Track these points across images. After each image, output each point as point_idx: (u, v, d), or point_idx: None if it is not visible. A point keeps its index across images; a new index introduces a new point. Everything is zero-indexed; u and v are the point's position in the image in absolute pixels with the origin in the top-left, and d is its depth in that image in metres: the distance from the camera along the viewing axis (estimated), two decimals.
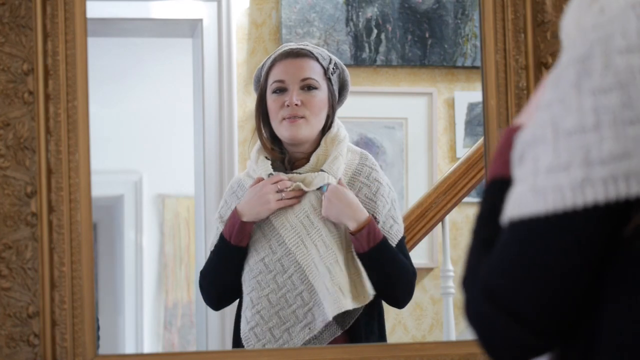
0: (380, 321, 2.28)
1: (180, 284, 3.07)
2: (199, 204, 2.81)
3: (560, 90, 1.01)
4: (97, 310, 1.95)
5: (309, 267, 2.17)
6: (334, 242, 2.21)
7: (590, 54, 1.00)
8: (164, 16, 2.95)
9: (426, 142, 3.05)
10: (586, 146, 0.97)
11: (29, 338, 1.87)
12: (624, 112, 0.97)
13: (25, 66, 1.89)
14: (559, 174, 0.98)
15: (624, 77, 0.98)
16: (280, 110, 2.26)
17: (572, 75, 1.00)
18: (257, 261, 2.21)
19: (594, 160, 0.97)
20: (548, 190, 0.98)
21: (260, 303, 2.19)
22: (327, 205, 2.21)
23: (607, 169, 0.96)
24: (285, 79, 2.27)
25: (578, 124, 0.98)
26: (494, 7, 2.04)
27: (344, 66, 2.35)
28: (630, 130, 0.96)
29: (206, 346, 2.74)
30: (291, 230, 2.20)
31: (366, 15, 3.04)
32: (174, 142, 3.00)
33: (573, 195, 0.97)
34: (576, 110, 0.99)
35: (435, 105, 3.05)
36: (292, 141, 2.27)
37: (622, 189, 0.96)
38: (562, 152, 0.98)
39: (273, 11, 3.04)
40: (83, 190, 1.90)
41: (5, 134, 1.88)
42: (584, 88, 0.99)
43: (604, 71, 0.98)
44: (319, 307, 2.16)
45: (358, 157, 2.31)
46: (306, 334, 2.17)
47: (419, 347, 2.08)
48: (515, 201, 1.02)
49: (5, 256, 1.87)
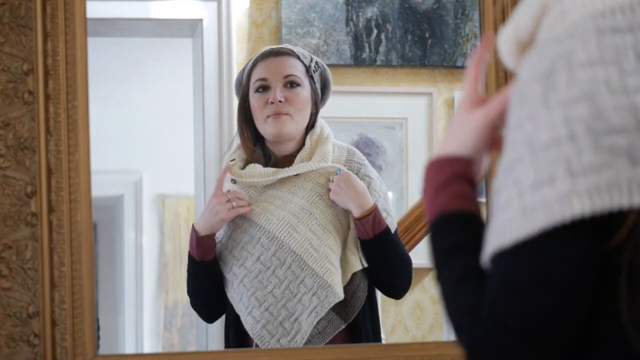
0: (373, 319, 2.28)
1: (180, 284, 3.06)
2: (199, 204, 2.81)
3: (528, 107, 1.00)
4: (97, 310, 1.95)
5: (306, 252, 2.19)
6: (329, 223, 2.23)
7: (553, 70, 0.99)
8: (164, 16, 2.95)
9: (426, 142, 3.05)
10: (566, 157, 0.96)
11: (29, 338, 1.87)
12: (596, 123, 0.96)
13: (25, 66, 1.89)
14: (544, 189, 0.97)
15: (589, 90, 0.97)
16: (264, 109, 2.27)
17: (538, 92, 0.99)
18: (254, 262, 2.21)
19: (576, 171, 0.96)
20: (537, 207, 0.97)
21: (267, 300, 2.20)
22: (335, 190, 2.24)
23: (590, 180, 0.95)
24: (268, 77, 2.28)
25: (552, 137, 0.97)
26: (494, 7, 2.04)
27: (326, 65, 2.35)
28: (605, 141, 0.96)
29: (206, 346, 2.74)
30: (279, 223, 2.21)
31: (366, 15, 3.04)
32: (174, 142, 3.00)
33: (561, 208, 0.96)
34: (547, 124, 0.97)
35: (435, 105, 3.05)
36: (277, 138, 2.27)
37: (606, 200, 0.95)
38: (543, 167, 0.97)
39: (273, 11, 3.04)
40: (83, 190, 1.90)
41: (5, 134, 1.88)
42: (552, 102, 0.98)
43: (569, 84, 0.98)
44: (324, 289, 2.18)
45: (345, 153, 2.32)
46: (313, 318, 2.18)
47: (419, 347, 2.08)
48: (501, 229, 0.99)
49: (5, 256, 1.87)
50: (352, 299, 2.22)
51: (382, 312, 2.41)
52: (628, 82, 0.97)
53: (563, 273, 0.97)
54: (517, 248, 0.98)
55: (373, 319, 2.28)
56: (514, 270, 0.99)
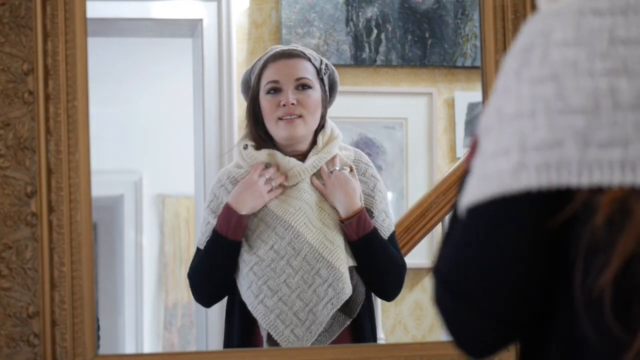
0: (371, 316, 2.29)
1: (180, 284, 3.07)
2: (199, 204, 2.81)
3: (504, 78, 1.03)
4: (97, 310, 1.95)
5: (322, 244, 2.21)
6: (337, 219, 2.26)
7: (531, 46, 1.02)
8: (164, 16, 2.95)
9: (426, 142, 3.05)
10: (522, 131, 0.99)
11: (29, 338, 1.87)
12: (557, 103, 0.98)
13: (25, 66, 1.89)
14: (500, 159, 1.00)
15: (557, 70, 0.99)
16: (275, 111, 2.27)
17: (515, 64, 1.02)
18: (267, 250, 2.22)
19: (528, 146, 0.98)
20: (492, 175, 1.00)
21: (281, 290, 2.21)
22: (329, 185, 2.27)
23: (540, 156, 0.98)
24: (280, 79, 2.28)
25: (516, 110, 1.00)
26: (494, 7, 2.04)
27: (333, 67, 2.36)
28: (562, 120, 0.98)
29: (206, 346, 2.74)
30: (296, 213, 2.23)
31: (366, 15, 3.04)
32: (174, 142, 3.00)
33: (511, 180, 0.99)
34: (516, 98, 1.01)
35: (435, 105, 3.05)
36: (288, 141, 2.28)
37: (554, 177, 0.97)
38: (503, 137, 1.01)
39: (273, 11, 3.04)
40: (83, 190, 1.90)
41: (5, 134, 1.88)
42: (523, 77, 1.01)
43: (541, 62, 1.00)
44: (339, 281, 2.19)
45: (352, 154, 2.36)
46: (330, 309, 2.19)
47: (419, 347, 2.08)
48: (465, 191, 1.04)
49: (5, 256, 1.87)
50: (354, 294, 2.23)
51: (382, 312, 2.41)
52: (595, 64, 0.98)
53: (504, 240, 1.00)
54: (470, 210, 1.02)
55: (371, 316, 2.29)
56: (463, 229, 1.03)
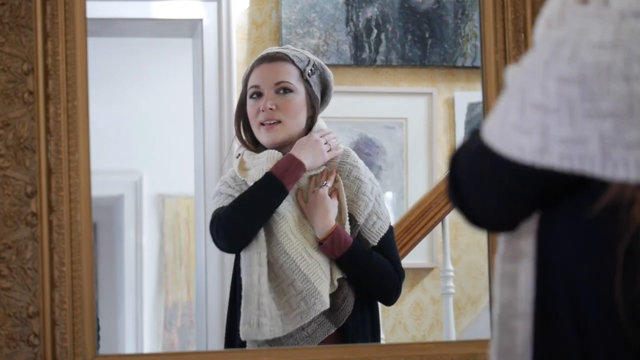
0: (373, 322, 2.27)
1: (180, 284, 3.07)
2: (199, 204, 2.81)
3: (534, 62, 1.04)
4: (97, 310, 1.95)
5: (300, 256, 2.19)
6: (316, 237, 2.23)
7: (564, 40, 1.02)
8: (164, 16, 2.95)
9: (426, 142, 3.05)
10: (546, 124, 1.01)
11: (29, 338, 1.87)
12: (583, 105, 0.99)
13: (25, 66, 1.89)
14: (521, 135, 1.03)
15: (587, 72, 0.99)
16: (257, 116, 2.27)
17: (546, 54, 1.03)
18: (252, 254, 2.21)
19: (552, 138, 1.01)
20: (513, 142, 1.03)
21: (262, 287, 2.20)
22: (309, 206, 2.24)
23: (564, 148, 1.00)
24: (260, 84, 2.28)
25: (542, 102, 1.01)
26: (494, 7, 2.04)
27: (325, 66, 2.34)
28: (588, 122, 0.98)
29: (206, 346, 2.74)
30: (279, 221, 2.21)
31: (366, 15, 3.04)
32: (174, 142, 3.00)
33: (532, 156, 1.02)
34: (542, 89, 1.02)
35: (435, 105, 3.05)
36: (271, 146, 2.27)
37: (577, 165, 0.99)
38: (526, 119, 1.03)
39: (273, 11, 3.04)
40: (83, 190, 1.90)
41: (5, 134, 1.88)
42: (551, 70, 1.01)
43: (570, 61, 1.00)
44: (312, 296, 2.17)
45: (340, 156, 2.31)
46: (297, 322, 2.16)
47: (419, 347, 2.08)
48: (491, 123, 1.08)
49: (5, 256, 1.87)
50: (343, 303, 2.21)
51: (382, 312, 2.41)
52: (633, 68, 0.97)
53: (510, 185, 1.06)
54: (489, 147, 1.07)
55: (373, 319, 2.28)
56: (479, 153, 1.08)
